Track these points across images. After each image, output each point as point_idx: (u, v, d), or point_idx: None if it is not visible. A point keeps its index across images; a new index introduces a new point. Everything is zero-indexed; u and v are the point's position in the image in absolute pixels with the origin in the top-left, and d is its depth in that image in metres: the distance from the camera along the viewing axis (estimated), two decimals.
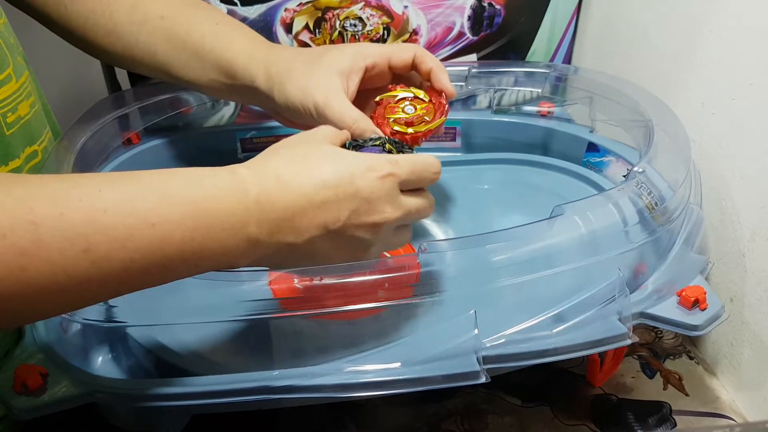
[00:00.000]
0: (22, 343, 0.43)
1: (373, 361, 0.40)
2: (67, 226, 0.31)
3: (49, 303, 0.32)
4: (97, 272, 0.31)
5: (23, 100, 0.49)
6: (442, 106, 0.51)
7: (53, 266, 0.30)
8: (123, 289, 0.34)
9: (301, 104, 0.48)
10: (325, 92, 0.47)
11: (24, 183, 0.31)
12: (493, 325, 0.41)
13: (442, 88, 0.51)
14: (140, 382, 0.39)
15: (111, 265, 0.32)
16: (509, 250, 0.42)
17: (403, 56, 0.51)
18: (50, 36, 0.55)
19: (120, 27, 0.52)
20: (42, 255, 0.30)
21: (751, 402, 0.52)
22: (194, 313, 0.41)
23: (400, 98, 0.51)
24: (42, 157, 0.52)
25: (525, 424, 0.50)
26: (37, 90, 0.54)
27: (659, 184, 0.49)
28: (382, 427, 0.51)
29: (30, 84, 0.51)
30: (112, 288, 0.33)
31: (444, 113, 0.50)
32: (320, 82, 0.48)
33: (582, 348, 0.40)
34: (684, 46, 0.58)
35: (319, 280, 0.40)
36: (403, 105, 0.51)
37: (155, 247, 0.33)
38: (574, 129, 0.65)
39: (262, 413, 0.50)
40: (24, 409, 0.38)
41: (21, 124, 0.49)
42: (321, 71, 0.48)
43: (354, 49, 0.50)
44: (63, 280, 0.31)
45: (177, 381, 0.40)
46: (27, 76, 0.51)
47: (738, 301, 0.53)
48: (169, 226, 0.33)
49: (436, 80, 0.51)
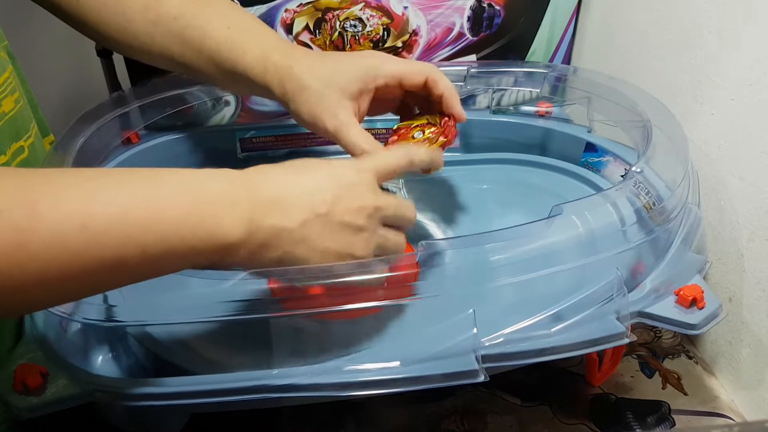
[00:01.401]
0: (22, 342, 0.43)
1: (372, 360, 0.40)
2: (65, 203, 0.31)
3: (50, 285, 0.31)
4: (97, 250, 0.31)
5: (7, 95, 0.49)
6: (449, 128, 0.52)
7: (52, 242, 0.30)
8: (123, 275, 0.34)
9: (311, 124, 0.50)
10: (334, 120, 0.49)
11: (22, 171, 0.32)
12: (491, 324, 0.41)
13: (453, 114, 0.52)
14: (140, 382, 0.39)
15: (109, 241, 0.32)
16: (508, 249, 0.42)
17: (415, 80, 0.51)
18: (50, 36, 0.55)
19: (134, 25, 0.52)
20: (41, 231, 0.30)
21: (750, 401, 0.52)
22: (194, 312, 0.41)
23: (414, 126, 0.54)
24: (29, 153, 0.52)
25: (524, 423, 0.50)
26: (23, 85, 0.54)
27: (657, 184, 0.49)
28: (382, 427, 0.51)
29: (14, 80, 0.51)
30: (112, 271, 0.33)
31: (448, 135, 0.52)
32: (331, 108, 0.49)
33: (580, 347, 0.41)
34: (683, 47, 0.58)
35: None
36: (414, 131, 0.53)
37: (151, 223, 0.33)
38: (573, 129, 0.66)
39: (261, 412, 0.50)
40: (24, 409, 0.38)
41: (6, 120, 0.49)
42: (332, 95, 0.49)
43: (365, 68, 0.51)
44: (62, 258, 0.31)
45: (176, 380, 0.40)
46: (11, 71, 0.51)
47: (737, 301, 0.53)
48: (164, 203, 0.34)
49: (447, 106, 0.52)
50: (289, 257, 0.39)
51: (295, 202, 0.38)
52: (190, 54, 0.52)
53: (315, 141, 0.68)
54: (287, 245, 0.38)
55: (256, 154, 0.69)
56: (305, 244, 0.39)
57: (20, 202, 0.30)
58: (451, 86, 0.52)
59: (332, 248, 0.40)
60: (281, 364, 0.40)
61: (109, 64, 0.70)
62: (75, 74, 0.83)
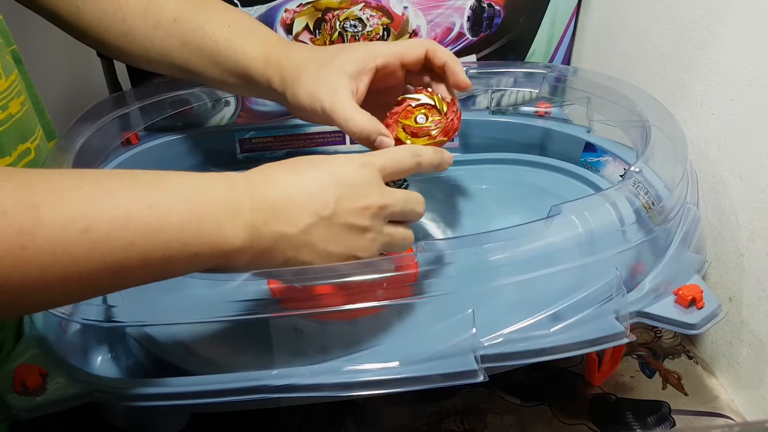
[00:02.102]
0: (22, 342, 0.43)
1: (371, 360, 0.40)
2: (67, 207, 0.31)
3: (50, 289, 0.31)
4: (99, 255, 0.31)
5: (14, 98, 0.49)
6: (453, 124, 0.51)
7: (54, 246, 0.30)
8: (125, 279, 0.34)
9: (310, 108, 0.49)
10: (331, 97, 0.48)
11: (24, 172, 0.32)
12: (490, 324, 0.41)
13: (458, 81, 0.51)
14: (139, 382, 0.39)
15: (111, 246, 0.32)
16: (507, 249, 0.42)
17: (415, 52, 0.51)
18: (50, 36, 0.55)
19: (134, 30, 0.52)
20: (42, 234, 0.30)
21: (750, 401, 0.52)
22: (193, 312, 0.41)
23: (420, 103, 0.51)
24: (35, 155, 0.52)
25: (524, 423, 0.50)
26: (29, 88, 0.54)
27: (656, 183, 0.49)
28: (382, 427, 0.51)
29: (20, 83, 0.51)
30: (114, 276, 0.33)
31: (449, 132, 0.51)
32: (328, 85, 0.48)
33: (579, 347, 0.41)
34: (683, 47, 0.58)
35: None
36: (418, 112, 0.51)
37: (154, 229, 0.33)
38: (572, 129, 0.65)
39: (261, 413, 0.50)
40: (23, 409, 0.38)
41: (12, 122, 0.49)
42: (330, 74, 0.49)
43: (365, 50, 0.50)
44: (64, 262, 0.31)
45: (176, 380, 0.40)
46: (17, 74, 0.51)
47: (737, 301, 0.53)
48: (166, 209, 0.34)
49: (452, 73, 0.51)
50: (292, 262, 0.39)
51: (297, 206, 0.38)
52: (190, 55, 0.52)
53: (314, 141, 0.68)
54: (290, 250, 0.38)
55: (255, 154, 0.69)
56: (308, 248, 0.39)
57: (22, 204, 0.30)
58: (452, 55, 0.51)
59: (336, 251, 0.40)
60: (280, 365, 0.40)
61: (109, 65, 0.71)
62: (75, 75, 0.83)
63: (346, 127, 0.47)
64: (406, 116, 0.51)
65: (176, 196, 0.35)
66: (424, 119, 0.51)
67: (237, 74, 0.52)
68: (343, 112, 0.47)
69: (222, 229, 0.35)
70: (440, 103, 0.51)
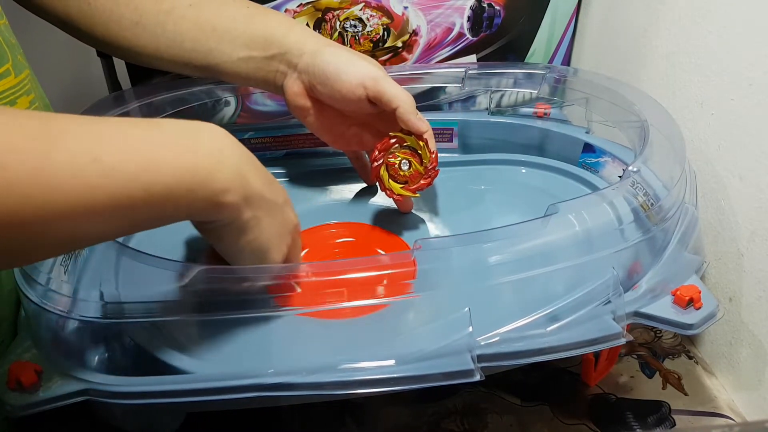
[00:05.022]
0: (17, 340, 0.43)
1: (367, 359, 0.39)
2: (78, 138, 0.33)
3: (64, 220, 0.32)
4: (108, 184, 0.33)
5: (22, 95, 0.49)
6: (428, 183, 0.55)
7: (69, 172, 0.31)
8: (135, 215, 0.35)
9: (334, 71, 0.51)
10: (377, 69, 0.52)
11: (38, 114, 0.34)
12: (487, 323, 0.40)
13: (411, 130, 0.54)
14: (135, 380, 0.39)
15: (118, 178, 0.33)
16: (504, 248, 0.41)
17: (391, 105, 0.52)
18: (51, 36, 0.55)
19: (146, 17, 0.53)
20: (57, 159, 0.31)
21: (750, 401, 0.52)
22: (190, 310, 0.41)
23: (407, 145, 0.54)
24: None
25: (524, 423, 0.50)
26: (38, 89, 0.55)
27: (654, 183, 0.49)
28: (382, 427, 0.51)
29: (30, 82, 0.52)
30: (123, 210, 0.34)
31: (423, 188, 0.55)
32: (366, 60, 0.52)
33: (576, 347, 0.40)
34: (683, 47, 0.58)
35: None
36: (403, 156, 0.55)
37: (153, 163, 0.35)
38: (570, 130, 0.65)
39: (258, 412, 0.50)
40: (17, 406, 0.38)
41: None
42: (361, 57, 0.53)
43: None
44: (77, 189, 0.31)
45: (172, 378, 0.40)
46: (27, 74, 0.51)
47: (736, 301, 0.53)
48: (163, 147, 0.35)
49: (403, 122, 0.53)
50: (255, 222, 0.40)
51: None
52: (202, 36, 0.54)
53: (313, 142, 0.68)
54: (259, 210, 0.40)
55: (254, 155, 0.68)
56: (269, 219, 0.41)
57: (40, 134, 0.31)
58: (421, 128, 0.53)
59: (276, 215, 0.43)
60: (277, 363, 0.40)
61: (109, 64, 0.71)
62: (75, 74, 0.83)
63: (393, 99, 0.51)
64: (394, 156, 0.55)
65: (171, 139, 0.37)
66: (407, 166, 0.54)
67: (252, 45, 0.53)
68: (392, 86, 0.51)
69: (212, 172, 0.37)
70: (425, 155, 0.54)
